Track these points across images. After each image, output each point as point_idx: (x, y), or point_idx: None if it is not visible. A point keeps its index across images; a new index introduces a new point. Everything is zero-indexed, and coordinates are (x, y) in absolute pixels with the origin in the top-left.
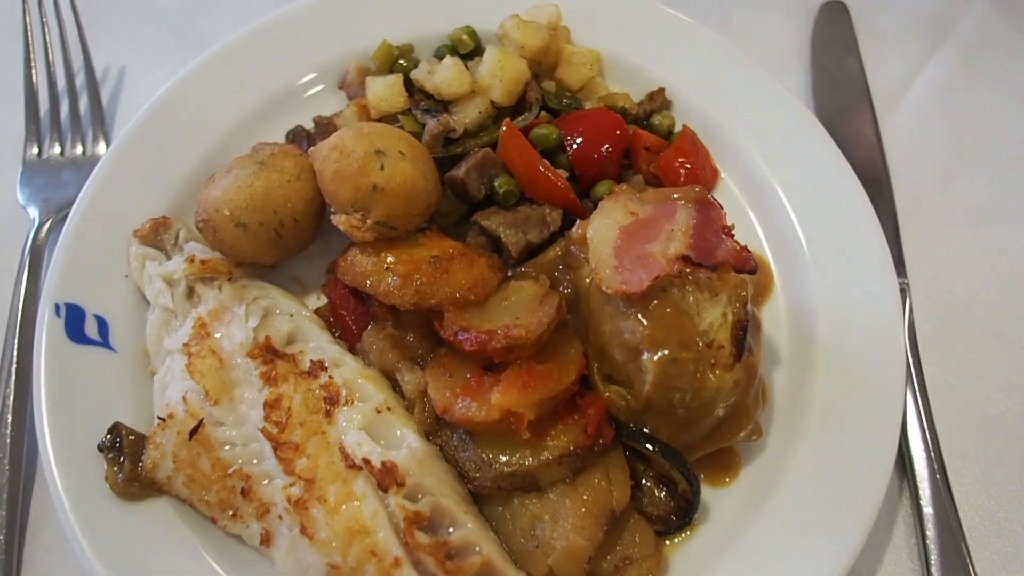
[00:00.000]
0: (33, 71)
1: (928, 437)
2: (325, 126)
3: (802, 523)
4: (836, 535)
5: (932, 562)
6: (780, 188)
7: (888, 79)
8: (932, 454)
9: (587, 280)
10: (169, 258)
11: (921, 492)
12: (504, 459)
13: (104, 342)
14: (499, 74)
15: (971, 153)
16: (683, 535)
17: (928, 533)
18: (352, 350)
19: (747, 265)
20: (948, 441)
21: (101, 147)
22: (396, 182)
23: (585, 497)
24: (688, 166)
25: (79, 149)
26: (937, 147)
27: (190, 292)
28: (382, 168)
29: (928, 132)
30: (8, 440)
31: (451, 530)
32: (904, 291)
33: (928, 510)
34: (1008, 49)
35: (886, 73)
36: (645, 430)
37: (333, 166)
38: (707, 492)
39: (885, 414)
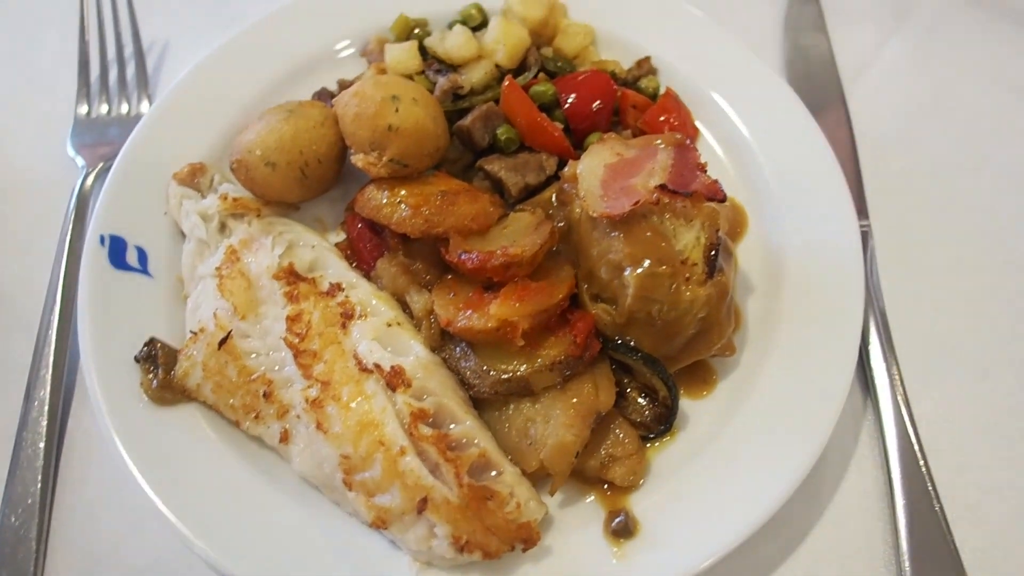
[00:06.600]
0: (87, 40)
1: (888, 361)
2: (348, 87)
3: (771, 427)
4: (802, 437)
5: (892, 469)
6: (754, 142)
7: (853, 55)
8: (893, 376)
9: (577, 211)
10: (204, 198)
11: (883, 410)
12: (501, 367)
13: (143, 269)
14: (503, 40)
15: (928, 119)
16: (664, 440)
17: (888, 444)
18: (367, 278)
19: (717, 194)
20: (909, 366)
21: (145, 106)
22: (409, 123)
23: (574, 400)
24: (672, 122)
25: (125, 108)
26: (898, 114)
27: (222, 227)
28: (397, 111)
29: (889, 100)
30: (51, 359)
31: (452, 426)
32: (867, 234)
33: (889, 423)
34: (962, 29)
35: (851, 50)
36: (630, 342)
37: (354, 109)
38: (686, 404)
39: (846, 332)
